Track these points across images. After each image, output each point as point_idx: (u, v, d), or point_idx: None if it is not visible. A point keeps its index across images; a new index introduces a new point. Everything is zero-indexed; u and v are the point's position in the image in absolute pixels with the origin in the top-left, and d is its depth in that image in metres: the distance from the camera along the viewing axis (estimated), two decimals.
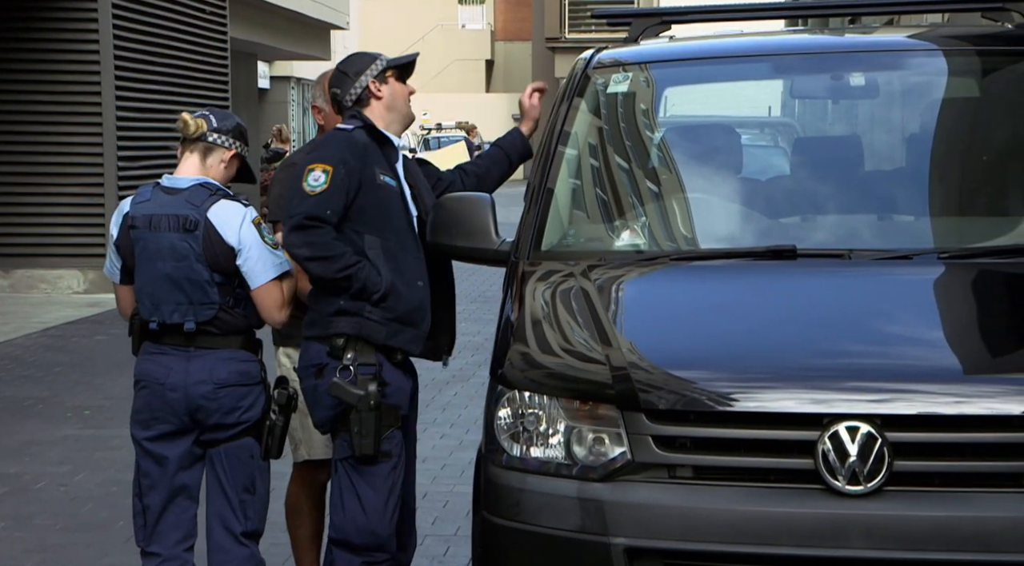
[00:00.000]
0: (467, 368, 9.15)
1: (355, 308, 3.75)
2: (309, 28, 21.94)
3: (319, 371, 3.79)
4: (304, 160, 3.83)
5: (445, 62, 51.94)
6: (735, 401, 3.05)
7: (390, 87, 3.93)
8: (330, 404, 3.78)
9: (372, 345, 3.78)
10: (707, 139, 4.36)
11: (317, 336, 3.81)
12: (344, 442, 3.81)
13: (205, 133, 3.84)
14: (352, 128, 3.85)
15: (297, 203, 3.74)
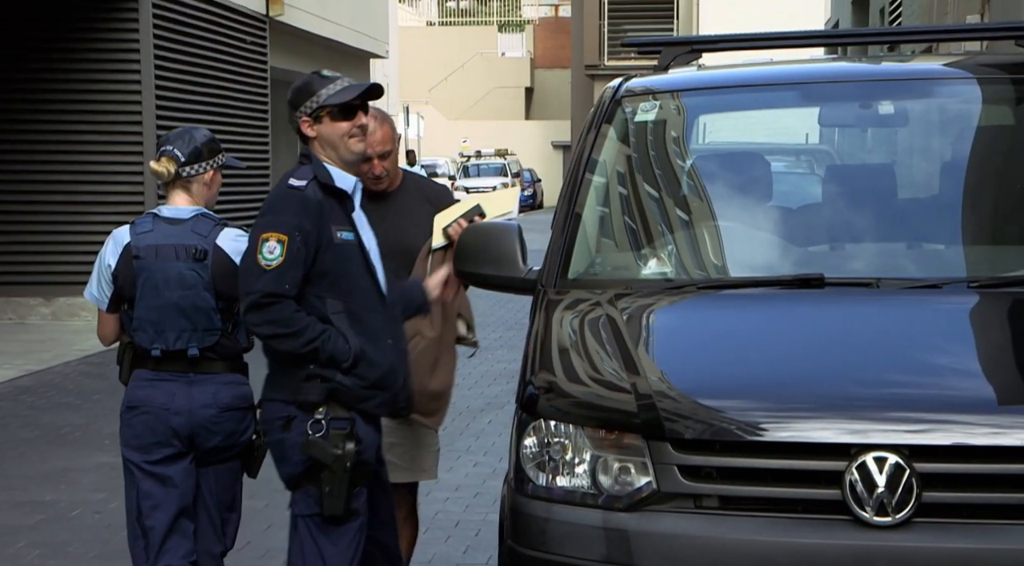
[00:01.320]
0: (501, 396, 9.14)
1: (326, 374, 3.58)
2: (349, 57, 22.11)
3: (287, 424, 3.62)
4: (257, 226, 3.58)
5: (485, 90, 52.17)
6: (761, 431, 3.03)
7: (324, 127, 3.66)
8: (300, 460, 3.60)
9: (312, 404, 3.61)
10: (736, 167, 4.35)
11: (284, 400, 3.63)
12: (309, 498, 3.63)
13: (178, 171, 3.95)
14: (304, 185, 3.60)
15: (253, 279, 3.52)
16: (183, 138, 3.99)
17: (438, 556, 5.49)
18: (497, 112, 51.73)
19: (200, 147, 3.98)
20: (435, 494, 6.43)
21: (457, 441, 7.71)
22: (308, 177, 3.62)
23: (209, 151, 4.00)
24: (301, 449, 3.57)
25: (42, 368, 10.29)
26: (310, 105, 3.66)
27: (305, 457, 3.58)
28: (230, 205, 15.13)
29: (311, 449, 3.56)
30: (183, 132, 4.04)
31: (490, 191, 4.99)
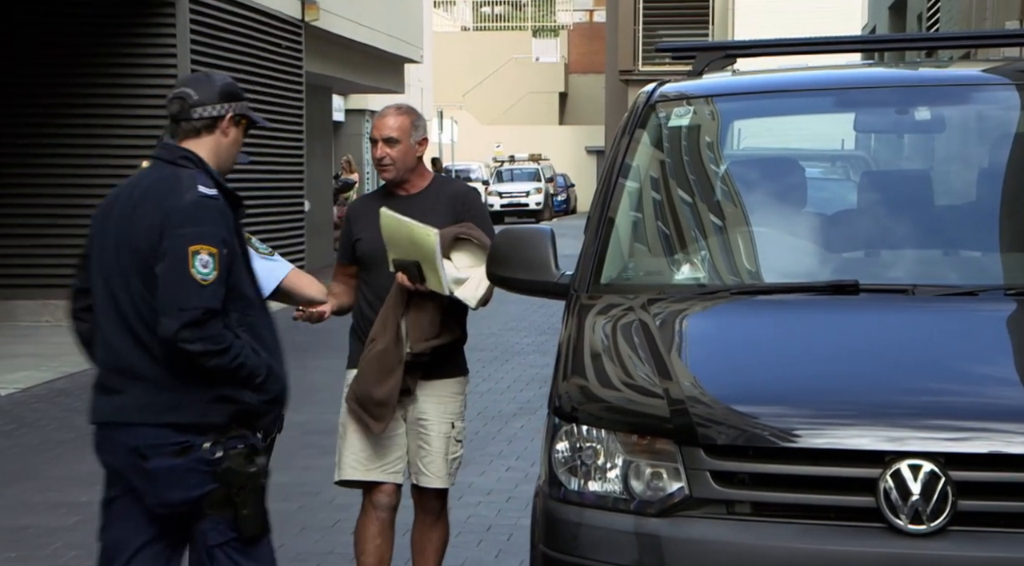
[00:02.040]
0: (534, 400, 9.14)
1: (235, 394, 3.47)
2: (384, 62, 22.18)
3: (183, 450, 3.44)
4: (181, 236, 3.40)
5: (519, 95, 52.21)
6: (795, 437, 3.02)
7: (236, 132, 3.62)
8: (196, 483, 3.44)
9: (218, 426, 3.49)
10: (770, 173, 4.33)
11: (188, 424, 3.44)
12: (221, 525, 3.49)
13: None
14: (216, 194, 3.48)
15: (190, 295, 3.36)
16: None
17: (470, 560, 5.50)
18: (531, 117, 51.75)
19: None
20: (467, 498, 6.44)
21: (489, 445, 7.71)
22: (210, 184, 3.49)
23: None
24: (216, 475, 3.43)
25: (77, 370, 10.37)
26: (242, 107, 3.61)
27: (206, 481, 3.44)
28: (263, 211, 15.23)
29: (226, 475, 3.44)
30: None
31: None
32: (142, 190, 3.51)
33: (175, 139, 3.58)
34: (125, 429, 3.48)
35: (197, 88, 3.57)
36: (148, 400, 3.46)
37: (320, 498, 6.40)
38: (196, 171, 3.50)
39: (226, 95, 3.59)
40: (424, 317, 4.34)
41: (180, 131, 3.57)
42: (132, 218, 3.48)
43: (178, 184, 3.47)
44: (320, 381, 9.37)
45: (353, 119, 27.07)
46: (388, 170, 4.42)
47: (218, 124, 3.57)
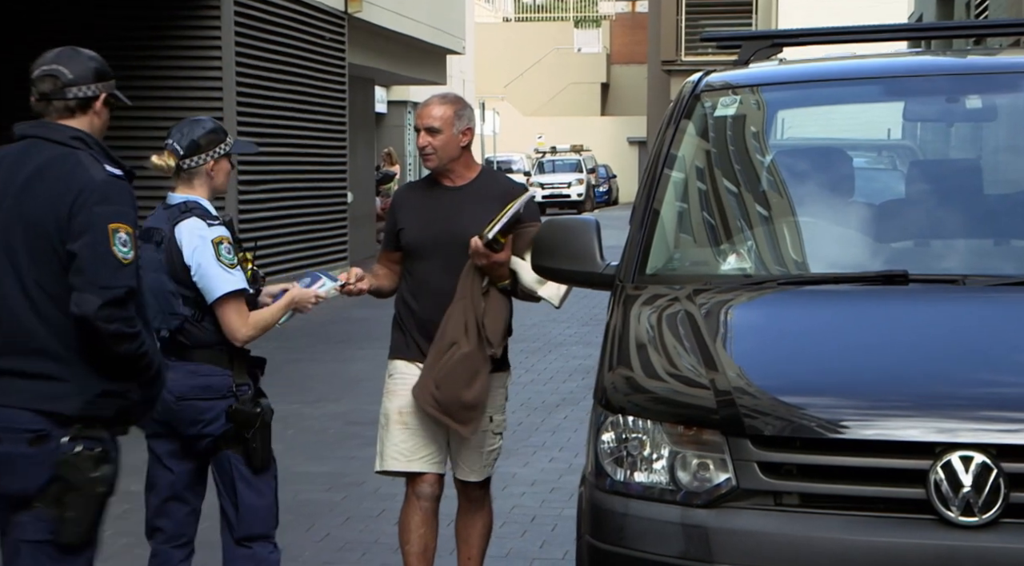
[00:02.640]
0: (577, 391, 9.14)
1: (121, 389, 3.38)
2: (425, 53, 22.22)
3: (38, 438, 3.30)
4: (99, 215, 3.31)
5: (560, 86, 52.13)
6: (844, 428, 3.00)
7: (106, 113, 3.53)
8: (44, 476, 3.30)
9: (102, 420, 3.39)
10: (817, 162, 4.30)
11: (61, 415, 3.31)
12: (40, 522, 3.32)
13: (179, 164, 4.01)
14: (123, 175, 3.41)
15: (113, 272, 3.27)
16: (182, 131, 4.02)
17: (515, 551, 5.51)
18: (573, 108, 51.67)
19: (198, 140, 4.00)
20: (511, 489, 6.45)
21: (532, 436, 7.72)
22: (113, 164, 3.41)
23: (208, 142, 4.02)
24: (59, 468, 3.29)
25: None
26: (111, 86, 3.51)
27: (49, 477, 3.29)
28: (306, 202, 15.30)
29: (67, 469, 3.29)
30: (185, 124, 4.07)
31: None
32: (34, 168, 3.36)
33: (45, 117, 3.45)
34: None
35: (70, 66, 3.44)
36: (22, 385, 3.32)
37: (364, 488, 6.44)
38: (94, 151, 3.41)
39: (99, 74, 3.48)
40: (501, 317, 4.37)
41: (52, 109, 3.44)
42: (26, 196, 3.34)
43: (80, 163, 3.35)
44: (362, 372, 9.43)
45: (395, 110, 27.15)
46: (431, 159, 4.42)
47: (92, 105, 3.46)
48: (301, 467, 6.83)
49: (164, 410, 3.93)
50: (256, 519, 4.03)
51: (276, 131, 14.33)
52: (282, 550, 4.24)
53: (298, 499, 6.21)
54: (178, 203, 4.03)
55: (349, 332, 12.37)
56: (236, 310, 3.94)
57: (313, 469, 6.82)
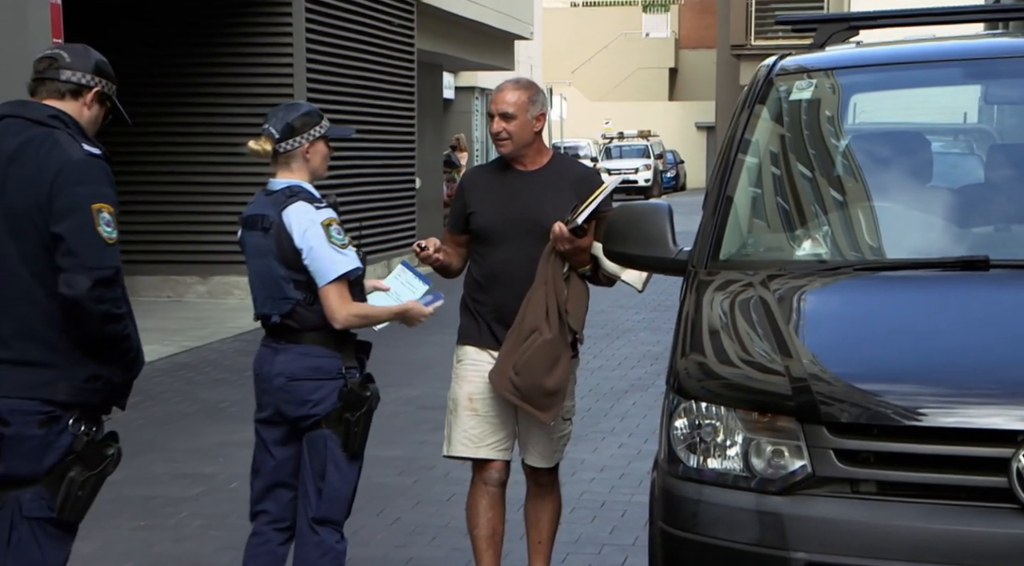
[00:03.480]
0: (646, 377, 9.11)
1: (107, 373, 3.40)
2: (493, 39, 22.21)
3: (47, 421, 3.33)
4: (80, 195, 3.30)
5: (628, 71, 51.88)
6: (922, 415, 2.96)
7: (97, 110, 3.51)
8: (49, 459, 3.34)
9: (91, 405, 3.42)
10: (894, 146, 4.24)
11: (59, 401, 3.33)
12: (42, 500, 3.35)
13: (275, 148, 4.02)
14: (101, 154, 3.39)
15: (100, 252, 3.28)
16: (278, 115, 4.05)
17: (584, 536, 5.51)
18: (640, 93, 51.40)
19: (292, 122, 4.01)
20: (580, 475, 6.45)
21: (601, 422, 7.72)
22: (91, 143, 3.39)
23: (303, 125, 4.03)
24: (77, 448, 3.35)
25: (199, 345, 10.64)
26: (111, 88, 3.52)
27: (58, 458, 3.34)
28: (375, 188, 15.38)
29: (85, 449, 3.36)
30: (280, 108, 4.09)
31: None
32: (9, 150, 3.35)
33: (35, 97, 3.45)
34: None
35: (72, 54, 3.47)
36: (11, 374, 3.33)
37: (434, 472, 6.47)
38: (71, 130, 3.38)
39: (99, 70, 3.48)
40: (583, 303, 4.39)
41: (43, 89, 3.44)
42: (5, 178, 3.33)
43: (57, 142, 3.33)
44: (433, 356, 9.47)
45: (463, 96, 27.19)
46: (504, 145, 4.42)
47: (83, 93, 3.44)
48: (373, 451, 6.82)
49: (274, 392, 3.99)
50: (335, 504, 4.05)
51: (345, 118, 14.40)
52: (355, 533, 4.28)
53: (370, 483, 6.25)
54: (281, 188, 4.03)
55: None
56: (339, 293, 3.95)
57: (385, 453, 6.88)
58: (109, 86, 3.51)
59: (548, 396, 4.31)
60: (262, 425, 4.12)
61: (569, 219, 4.24)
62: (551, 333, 4.27)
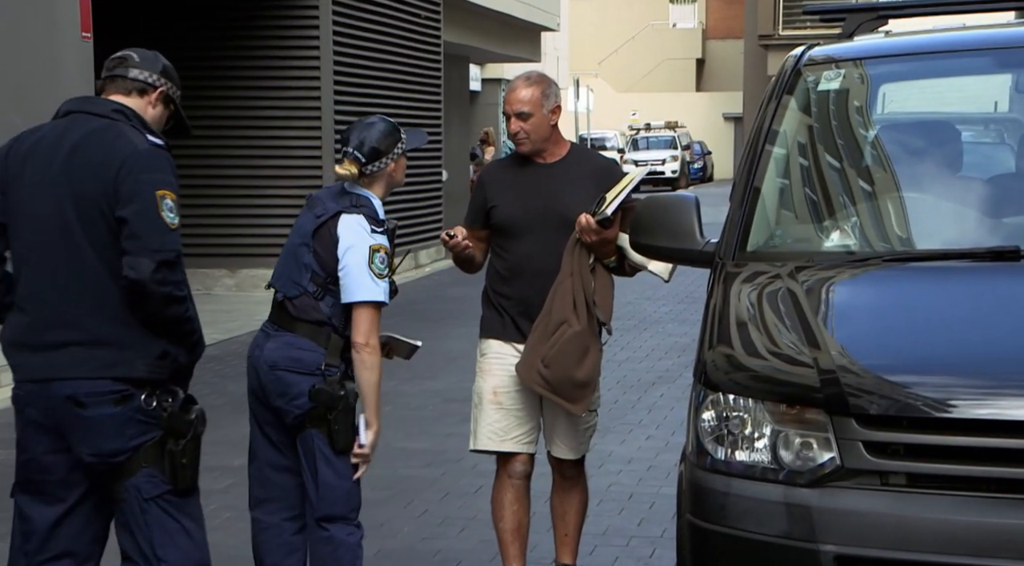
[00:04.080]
0: (673, 369, 9.09)
1: (174, 352, 3.51)
2: (520, 30, 22.19)
3: (122, 398, 3.44)
4: (144, 181, 3.41)
5: (655, 62, 51.74)
6: (952, 407, 2.94)
7: (160, 111, 3.64)
8: (133, 434, 3.47)
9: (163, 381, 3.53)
10: (924, 136, 4.20)
11: (133, 378, 3.44)
12: (154, 478, 3.50)
13: (361, 171, 4.06)
14: (164, 144, 3.52)
15: (163, 235, 3.39)
16: (360, 137, 4.07)
17: (612, 528, 5.51)
18: (667, 84, 51.24)
19: (377, 146, 4.06)
20: (608, 467, 6.45)
21: (628, 414, 7.70)
22: (157, 137, 3.50)
23: (388, 145, 4.08)
24: (160, 423, 3.47)
25: (228, 337, 10.69)
26: (175, 92, 3.64)
27: (141, 431, 3.46)
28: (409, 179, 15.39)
29: (169, 421, 3.48)
30: (360, 129, 4.10)
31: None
32: (76, 140, 3.45)
33: (103, 94, 3.56)
34: (59, 382, 3.44)
35: (141, 55, 3.60)
36: (89, 355, 3.42)
37: (462, 464, 6.48)
38: (134, 122, 3.50)
39: (166, 73, 3.62)
40: (610, 294, 4.38)
41: (111, 86, 3.56)
42: (71, 167, 3.43)
43: (122, 133, 3.45)
44: (459, 349, 9.48)
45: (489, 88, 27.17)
46: (524, 144, 4.41)
47: (149, 92, 3.57)
48: (400, 444, 6.90)
49: (262, 378, 4.02)
50: (335, 499, 4.03)
51: (372, 110, 14.41)
52: (381, 525, 4.27)
53: (397, 475, 6.28)
54: (354, 193, 4.07)
55: (445, 310, 12.45)
56: (372, 318, 3.97)
57: (411, 446, 6.89)
58: (174, 90, 3.63)
59: (579, 388, 4.31)
60: (252, 411, 4.14)
61: (595, 211, 4.23)
62: (580, 325, 4.27)
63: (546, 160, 4.46)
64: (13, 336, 3.55)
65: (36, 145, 3.51)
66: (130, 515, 3.54)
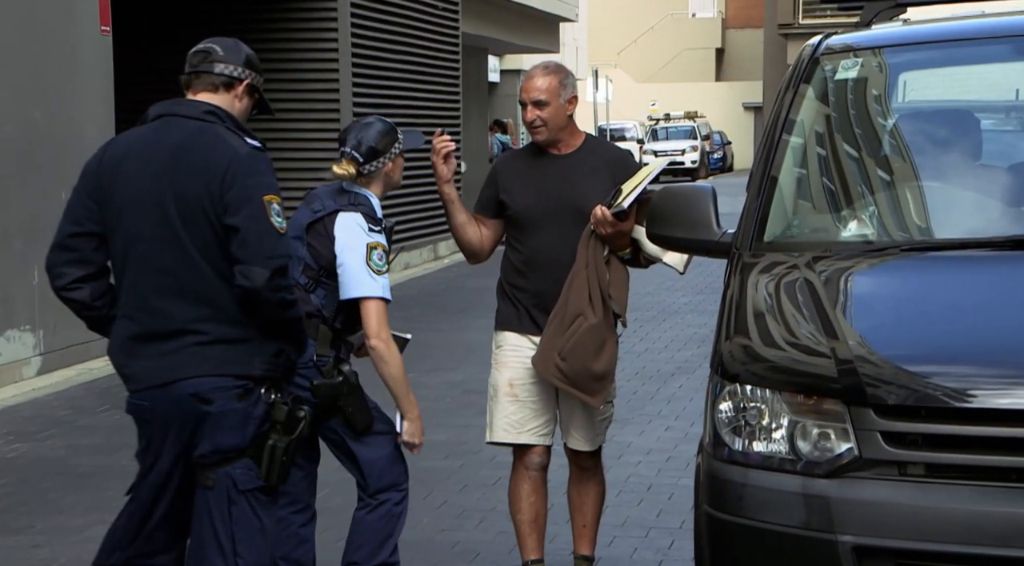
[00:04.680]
0: (692, 360, 9.08)
1: (288, 350, 3.53)
2: (538, 21, 22.16)
3: (244, 394, 3.43)
4: (252, 186, 3.40)
5: (674, 52, 51.59)
6: (971, 397, 2.92)
7: (247, 102, 3.63)
8: (252, 430, 3.45)
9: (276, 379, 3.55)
10: (942, 125, 4.18)
11: (255, 376, 3.44)
12: (251, 471, 3.47)
13: (359, 170, 4.11)
14: (262, 146, 3.52)
15: (275, 242, 3.39)
16: (357, 137, 4.12)
17: (631, 519, 5.51)
18: (686, 74, 51.09)
19: (375, 145, 4.12)
20: (627, 458, 6.44)
21: (648, 405, 7.70)
22: (253, 138, 3.49)
23: (385, 145, 4.14)
24: (278, 418, 3.47)
25: None
26: (259, 80, 3.62)
27: (256, 428, 3.44)
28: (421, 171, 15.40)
29: (281, 415, 3.48)
30: (357, 129, 4.16)
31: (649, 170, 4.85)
32: (174, 145, 3.42)
33: (189, 91, 3.54)
34: (181, 382, 3.40)
35: (223, 46, 3.56)
36: (208, 354, 3.40)
37: (480, 456, 6.49)
38: (228, 124, 3.48)
39: (250, 63, 3.59)
40: (625, 286, 4.38)
41: (197, 82, 3.53)
42: (173, 173, 3.39)
43: (221, 136, 3.43)
44: (477, 341, 9.48)
45: (508, 79, 27.15)
46: (540, 132, 4.40)
47: (235, 86, 3.54)
48: None
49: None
50: (382, 471, 4.10)
51: (391, 101, 14.44)
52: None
53: (416, 466, 6.25)
54: (352, 191, 4.11)
55: (464, 301, 12.46)
56: (379, 313, 3.99)
57: (431, 437, 6.85)
58: (257, 78, 3.61)
59: (596, 380, 4.30)
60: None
61: (611, 202, 4.22)
62: (596, 317, 4.26)
63: (561, 151, 4.44)
64: (123, 345, 3.50)
65: (129, 152, 3.48)
66: (215, 504, 3.46)
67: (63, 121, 9.03)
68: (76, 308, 3.55)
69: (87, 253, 3.49)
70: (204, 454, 3.44)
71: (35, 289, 8.72)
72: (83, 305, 3.53)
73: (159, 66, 13.37)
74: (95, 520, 5.43)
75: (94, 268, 3.51)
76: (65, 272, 3.50)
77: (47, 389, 8.48)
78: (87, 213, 3.49)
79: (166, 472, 3.49)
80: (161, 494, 3.51)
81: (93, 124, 9.26)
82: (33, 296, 8.73)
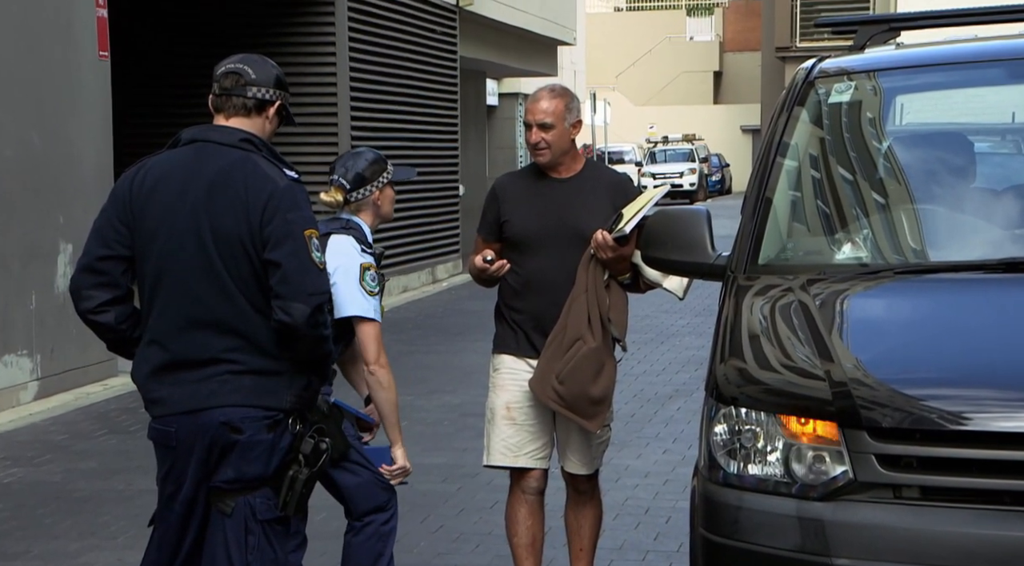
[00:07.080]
0: (690, 382, 9.07)
1: (315, 381, 3.52)
2: (537, 45, 22.23)
3: (274, 425, 3.42)
4: (293, 221, 3.37)
5: (672, 75, 51.76)
6: (966, 420, 2.92)
7: (276, 122, 3.59)
8: (276, 461, 3.44)
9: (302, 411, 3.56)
10: (936, 148, 4.19)
11: (285, 408, 3.44)
12: (270, 502, 3.46)
13: (347, 198, 4.16)
14: (299, 177, 3.49)
15: (317, 279, 3.37)
16: (345, 165, 4.18)
17: (628, 543, 5.49)
18: (685, 97, 51.24)
19: (362, 172, 4.17)
20: (624, 480, 6.43)
21: (645, 428, 7.69)
22: (290, 169, 3.47)
23: (373, 173, 4.18)
24: (302, 450, 3.47)
25: None
26: (287, 98, 3.58)
27: (280, 459, 3.44)
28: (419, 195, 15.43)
29: (306, 447, 3.48)
30: (346, 158, 4.22)
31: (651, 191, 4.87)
32: (212, 176, 3.38)
33: (220, 114, 3.50)
34: (211, 411, 3.38)
35: (254, 67, 3.51)
36: (239, 384, 3.38)
37: (478, 479, 6.48)
38: (265, 153, 3.45)
39: (279, 82, 3.54)
40: (623, 310, 4.38)
41: (229, 106, 3.48)
42: (212, 204, 3.36)
43: (258, 167, 3.40)
44: (476, 363, 9.48)
45: (507, 103, 27.21)
46: (543, 154, 4.41)
47: (266, 108, 3.51)
48: (416, 458, 6.85)
49: None
50: (366, 495, 4.10)
51: (389, 125, 14.48)
52: (398, 540, 4.29)
53: (413, 490, 6.27)
54: (343, 217, 4.17)
55: (462, 324, 12.46)
56: (378, 341, 4.02)
57: (428, 460, 6.89)
58: (286, 97, 3.58)
59: (594, 405, 4.30)
60: None
61: (612, 227, 4.23)
62: (595, 342, 4.26)
63: (561, 174, 4.45)
64: (151, 371, 3.46)
65: (163, 177, 3.43)
66: (231, 532, 3.43)
67: (62, 145, 9.06)
68: (100, 331, 3.53)
69: (116, 277, 3.47)
70: (226, 480, 3.42)
71: (33, 313, 8.72)
72: (108, 328, 3.50)
73: (158, 91, 13.43)
74: (91, 545, 5.43)
75: (121, 292, 3.50)
76: (93, 295, 3.47)
77: (44, 414, 8.46)
78: (117, 236, 3.46)
79: (191, 498, 3.47)
80: (189, 519, 3.50)
81: (92, 148, 9.29)
82: (31, 320, 8.73)
